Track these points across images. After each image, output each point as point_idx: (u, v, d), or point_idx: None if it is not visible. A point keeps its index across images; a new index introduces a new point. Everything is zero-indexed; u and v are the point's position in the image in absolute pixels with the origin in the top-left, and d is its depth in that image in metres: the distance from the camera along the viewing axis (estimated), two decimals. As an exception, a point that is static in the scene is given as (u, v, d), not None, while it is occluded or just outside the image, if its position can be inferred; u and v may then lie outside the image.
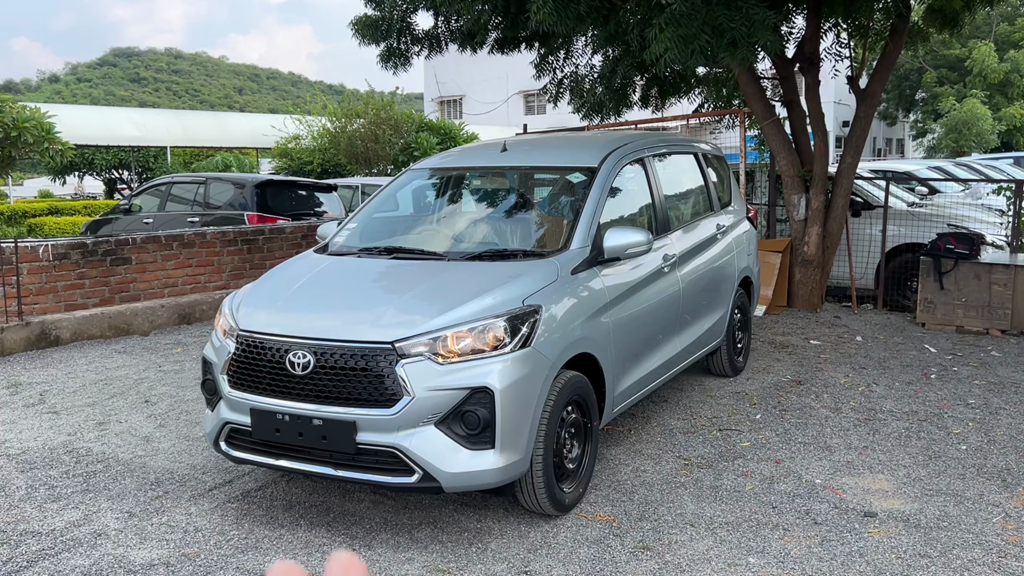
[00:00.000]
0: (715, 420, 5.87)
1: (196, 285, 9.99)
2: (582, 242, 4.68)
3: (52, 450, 5.53)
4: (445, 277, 4.45)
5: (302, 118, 27.88)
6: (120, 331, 8.79)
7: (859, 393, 6.44)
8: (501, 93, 47.68)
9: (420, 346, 3.93)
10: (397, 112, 26.66)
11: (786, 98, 9.56)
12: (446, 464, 3.88)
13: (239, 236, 10.47)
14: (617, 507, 4.50)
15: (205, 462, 5.27)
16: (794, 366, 7.24)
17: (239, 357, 4.27)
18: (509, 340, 3.99)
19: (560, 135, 7.90)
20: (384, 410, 3.89)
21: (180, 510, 4.57)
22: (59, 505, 4.66)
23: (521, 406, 3.97)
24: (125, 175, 35.12)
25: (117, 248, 9.22)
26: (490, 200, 5.49)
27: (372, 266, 4.82)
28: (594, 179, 5.02)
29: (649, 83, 10.61)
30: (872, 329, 8.63)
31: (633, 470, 5.00)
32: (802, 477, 4.87)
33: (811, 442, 5.44)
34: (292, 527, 4.34)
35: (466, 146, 6.47)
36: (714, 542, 4.10)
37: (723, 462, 5.11)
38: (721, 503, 4.53)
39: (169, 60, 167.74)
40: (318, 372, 4.01)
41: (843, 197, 9.16)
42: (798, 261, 9.24)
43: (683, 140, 6.67)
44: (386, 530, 4.29)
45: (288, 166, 27.88)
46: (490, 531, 4.25)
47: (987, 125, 34.64)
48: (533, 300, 4.16)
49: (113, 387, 6.97)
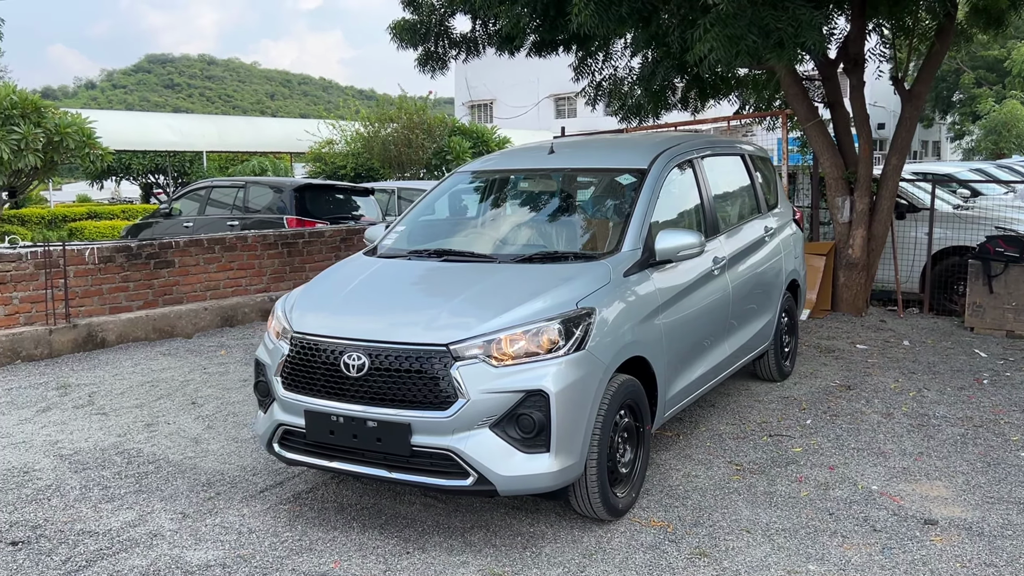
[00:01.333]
0: (765, 425, 5.79)
1: (237, 288, 10.06)
2: (633, 244, 4.64)
3: (103, 451, 5.59)
4: (497, 279, 4.43)
5: (336, 123, 28.07)
6: (164, 333, 8.88)
7: (910, 398, 6.33)
8: (532, 97, 47.73)
9: (474, 348, 3.91)
10: (430, 116, 26.74)
11: (829, 99, 9.45)
12: (501, 467, 3.85)
13: (279, 239, 10.54)
14: (670, 512, 4.45)
15: (255, 464, 5.29)
16: (842, 371, 7.14)
17: (293, 359, 4.27)
18: (563, 343, 3.96)
19: (605, 137, 7.86)
20: (439, 412, 3.88)
21: (233, 511, 4.59)
22: (113, 505, 4.70)
23: (576, 409, 3.94)
24: (161, 179, 35.59)
25: (160, 251, 9.31)
26: (538, 202, 5.47)
27: (423, 268, 4.81)
28: (644, 181, 4.98)
29: (689, 85, 10.55)
30: (919, 333, 8.50)
31: (684, 475, 4.95)
32: (858, 483, 4.79)
33: (864, 448, 5.35)
34: (345, 529, 4.33)
35: (512, 148, 6.46)
36: (772, 549, 4.04)
37: (776, 468, 5.04)
38: (776, 509, 4.47)
39: (202, 66, 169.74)
40: (372, 374, 4.00)
41: (888, 199, 9.03)
42: (842, 264, 9.12)
43: (730, 141, 6.61)
44: (439, 533, 4.27)
45: (322, 170, 28.08)
46: (543, 535, 4.22)
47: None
48: (587, 303, 4.13)
49: (160, 389, 7.03)
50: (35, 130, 12.90)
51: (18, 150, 12.59)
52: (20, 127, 12.57)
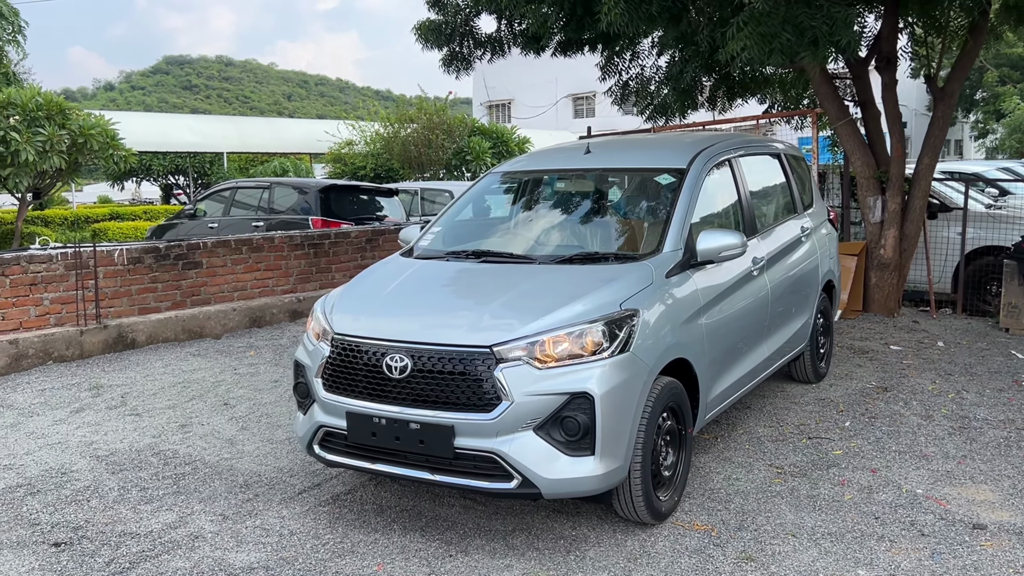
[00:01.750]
0: (803, 427, 5.73)
1: (264, 289, 10.08)
2: (675, 245, 4.60)
3: (139, 452, 5.59)
4: (538, 281, 4.40)
5: (355, 123, 28.12)
6: (193, 334, 8.90)
7: (949, 400, 6.25)
8: (550, 97, 47.64)
9: (518, 350, 3.88)
10: (450, 117, 26.74)
11: (860, 98, 9.35)
12: (546, 470, 3.82)
13: (306, 240, 10.56)
14: (713, 516, 4.40)
15: (292, 465, 5.28)
16: (877, 372, 7.06)
17: (334, 360, 4.25)
18: (608, 345, 3.92)
19: (640, 136, 7.81)
20: (482, 415, 3.85)
21: (272, 513, 4.58)
22: (153, 507, 4.70)
23: (620, 412, 3.90)
24: (181, 181, 35.79)
25: (188, 252, 9.34)
26: (576, 202, 5.43)
27: (462, 269, 4.78)
28: (684, 180, 4.94)
29: (716, 84, 10.47)
30: (953, 334, 8.40)
31: (725, 478, 4.89)
32: (902, 487, 4.73)
33: (906, 451, 5.28)
34: (386, 532, 4.31)
35: (546, 148, 6.42)
36: (818, 553, 3.98)
37: (817, 471, 4.98)
38: (821, 513, 4.41)
39: (220, 67, 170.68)
40: (415, 376, 3.98)
41: (921, 199, 8.93)
42: (874, 265, 9.03)
43: (765, 141, 6.54)
44: (480, 536, 4.24)
45: (342, 171, 28.15)
46: (586, 539, 4.18)
47: (1052, 125, 33.77)
48: (630, 304, 4.09)
49: (191, 390, 7.04)
50: (59, 132, 13.01)
51: (43, 151, 12.70)
52: (45, 129, 12.68)
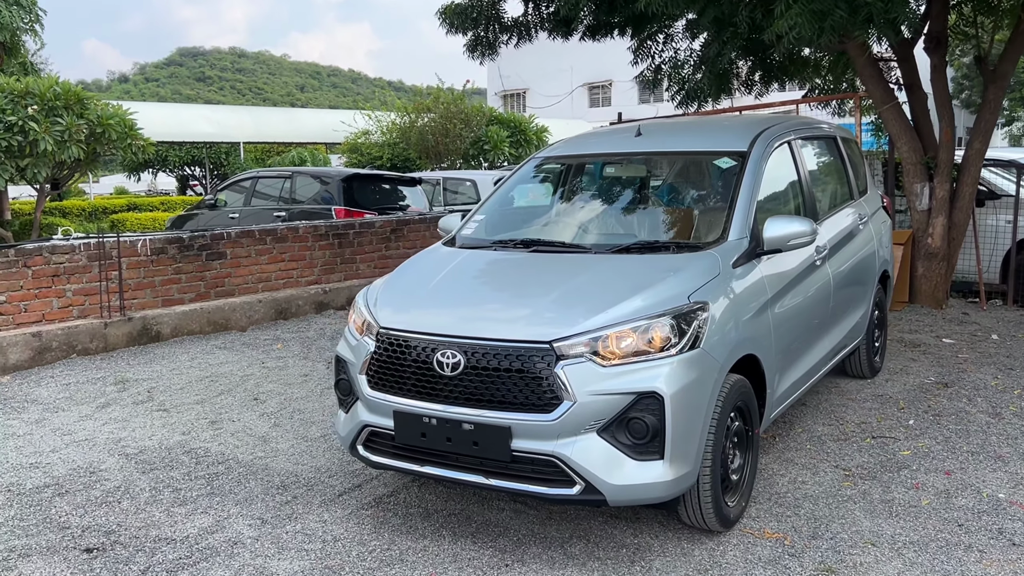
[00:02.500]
0: (865, 426, 5.44)
1: (288, 280, 9.84)
2: (740, 232, 4.31)
3: (169, 450, 5.36)
4: (596, 272, 4.12)
5: (371, 113, 27.87)
6: (218, 327, 8.67)
7: (1016, 397, 5.94)
8: (565, 86, 47.27)
9: (580, 346, 3.60)
10: (467, 106, 26.44)
11: (906, 81, 9.00)
12: (612, 476, 3.55)
13: (330, 230, 10.30)
14: (783, 523, 4.12)
15: (329, 464, 5.04)
16: (933, 367, 6.75)
17: (380, 356, 3.99)
18: (677, 340, 3.64)
19: (692, 119, 7.51)
20: (543, 415, 3.58)
21: (313, 516, 4.33)
22: (187, 509, 4.46)
23: (691, 413, 3.62)
24: (197, 171, 35.65)
25: (212, 243, 9.10)
26: (628, 188, 5.14)
27: (512, 260, 4.50)
28: (746, 164, 4.64)
29: (753, 67, 10.14)
30: (1007, 327, 8.07)
31: (790, 481, 4.61)
32: (981, 491, 4.43)
33: (978, 451, 4.98)
34: (435, 538, 4.05)
35: (592, 131, 6.14)
36: (903, 565, 3.70)
37: (887, 473, 4.69)
38: (898, 519, 4.12)
39: (233, 59, 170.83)
40: (468, 373, 3.71)
41: (970, 186, 8.59)
42: (921, 254, 8.70)
43: (821, 123, 6.23)
44: (535, 543, 3.98)
45: (358, 161, 27.92)
46: (649, 547, 3.91)
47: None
48: (698, 296, 3.81)
49: (219, 384, 6.80)
50: (78, 121, 12.78)
51: (61, 141, 12.46)
52: (63, 119, 12.44)
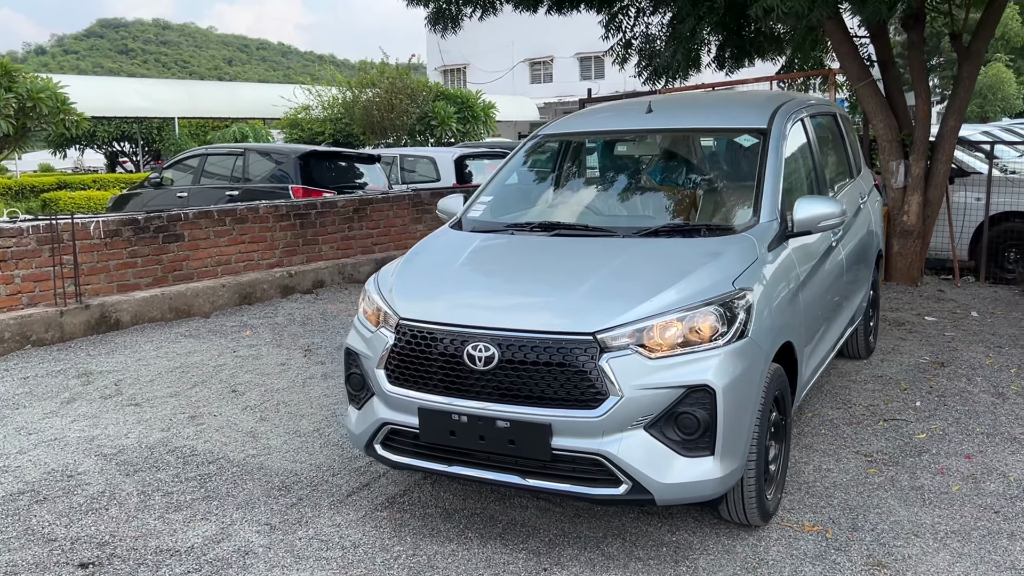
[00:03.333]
0: (874, 409, 5.36)
1: (249, 262, 9.41)
2: (771, 215, 4.13)
3: (151, 449, 5.00)
4: (631, 256, 3.89)
5: (312, 88, 27.15)
6: (180, 313, 8.23)
7: (1014, 376, 5.94)
8: (507, 61, 46.85)
9: (624, 337, 3.39)
10: (413, 81, 25.94)
11: (880, 58, 8.97)
12: (661, 474, 3.35)
13: (291, 210, 9.89)
14: (820, 514, 3.99)
15: (329, 462, 4.75)
16: (924, 346, 6.74)
17: (401, 350, 3.71)
18: (725, 329, 3.45)
19: (700, 94, 7.31)
20: (587, 411, 3.36)
21: (324, 520, 4.05)
22: (184, 515, 4.14)
23: (741, 406, 3.45)
24: (127, 147, 34.33)
25: (169, 224, 8.63)
26: (645, 168, 4.92)
27: (536, 245, 4.25)
28: (769, 142, 4.46)
29: (725, 44, 10.00)
30: (984, 304, 8.13)
31: (815, 469, 4.49)
32: (1007, 475, 4.38)
33: (992, 432, 4.94)
34: (462, 541, 3.82)
35: (600, 107, 5.89)
36: (951, 556, 3.60)
37: (909, 458, 4.61)
38: (934, 508, 4.03)
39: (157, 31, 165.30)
40: (504, 367, 3.47)
41: (945, 163, 8.61)
42: (897, 232, 8.71)
43: (823, 100, 6.10)
44: (569, 544, 3.78)
45: (299, 136, 27.19)
46: (690, 545, 3.74)
47: (1011, 90, 34.05)
48: (742, 282, 3.62)
49: (192, 375, 6.42)
50: (6, 95, 12.06)
51: (-9, 116, 11.76)
52: (-6, 92, 11.73)
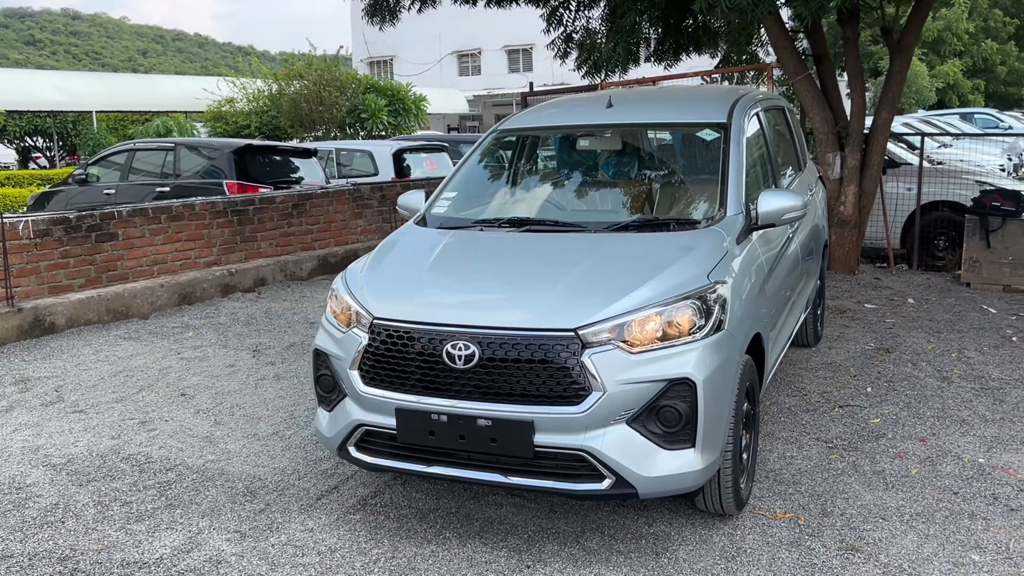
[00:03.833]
0: (828, 396, 5.50)
1: (186, 261, 9.15)
2: (737, 208, 4.19)
3: (102, 457, 4.82)
4: (606, 252, 3.90)
5: (236, 80, 26.54)
6: (118, 315, 7.95)
7: (955, 360, 6.16)
8: (434, 53, 46.54)
9: (605, 333, 3.40)
10: (342, 72, 25.57)
11: (815, 52, 9.19)
12: (644, 468, 3.38)
13: (229, 207, 9.64)
14: (790, 501, 4.07)
15: (293, 465, 4.65)
16: (867, 332, 6.94)
17: (376, 349, 3.65)
18: (704, 323, 3.49)
19: (657, 89, 7.34)
20: (570, 408, 3.36)
21: (296, 525, 3.96)
22: (147, 525, 4.00)
23: (720, 398, 3.49)
24: (40, 142, 33.03)
25: (102, 223, 8.33)
26: (609, 163, 4.93)
27: (508, 241, 4.22)
28: (730, 136, 4.52)
29: (664, 37, 10.10)
30: (919, 291, 8.41)
31: (780, 456, 4.58)
32: (961, 456, 4.54)
33: (941, 416, 5.12)
34: (441, 541, 3.78)
35: (557, 101, 5.87)
36: (919, 538, 3.72)
37: (867, 443, 4.74)
38: (896, 491, 4.15)
39: (66, 21, 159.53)
40: (484, 365, 3.44)
41: (879, 155, 8.87)
42: (834, 222, 8.93)
43: (771, 94, 6.20)
44: (549, 540, 3.77)
45: (223, 130, 26.55)
46: (668, 537, 3.77)
47: (925, 82, 35.30)
48: (716, 275, 3.66)
49: (136, 379, 6.21)
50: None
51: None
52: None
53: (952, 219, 9.15)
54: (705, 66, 11.59)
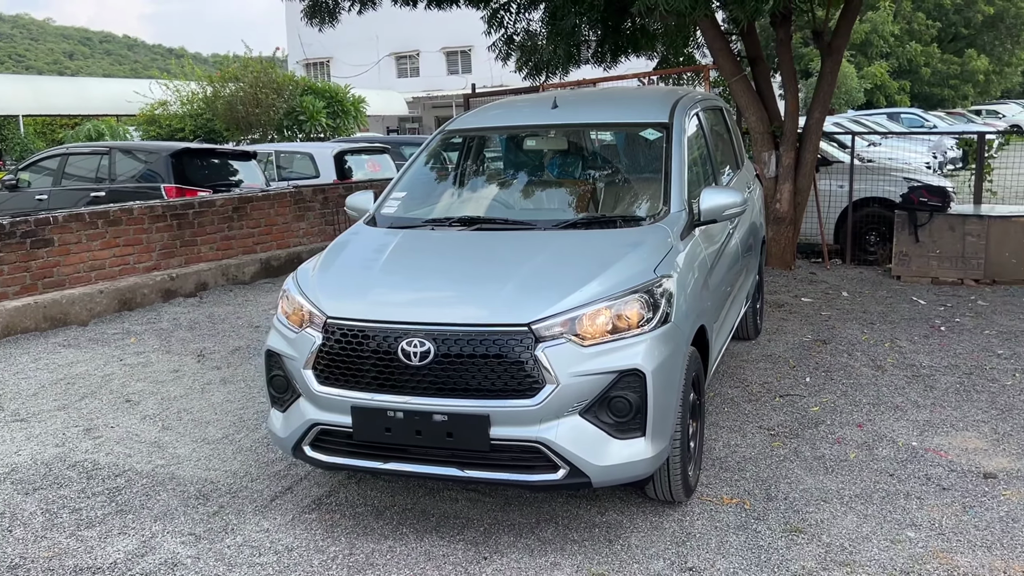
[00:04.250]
0: (769, 386, 5.68)
1: (125, 266, 8.99)
2: (680, 204, 4.32)
3: (47, 465, 4.75)
4: (556, 249, 3.99)
5: (169, 82, 26.06)
6: (56, 322, 7.79)
7: (888, 349, 6.41)
8: (371, 55, 46.28)
9: (558, 327, 3.48)
10: (279, 74, 25.30)
11: (750, 54, 9.43)
12: (597, 457, 3.47)
13: (168, 211, 9.50)
14: (735, 487, 4.21)
15: (245, 468, 4.64)
16: (804, 325, 7.17)
17: (331, 349, 3.68)
18: (651, 315, 3.60)
19: (600, 90, 7.45)
20: (524, 400, 3.44)
21: (251, 526, 3.96)
22: (98, 531, 3.96)
23: (668, 388, 3.60)
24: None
25: (37, 228, 8.15)
26: (556, 162, 5.01)
27: (458, 240, 4.28)
28: (671, 135, 4.65)
29: (604, 39, 10.26)
30: (852, 284, 8.70)
31: (724, 445, 4.73)
32: (896, 440, 4.74)
33: (877, 402, 5.33)
34: (398, 537, 3.82)
35: (503, 102, 5.94)
36: (858, 518, 3.88)
37: (807, 430, 4.92)
38: (836, 475, 4.33)
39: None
40: (440, 361, 3.50)
41: (812, 153, 9.14)
42: (770, 219, 9.17)
43: (709, 94, 6.38)
44: (504, 531, 3.85)
45: (157, 133, 26.04)
46: (620, 525, 3.88)
47: (853, 83, 36.33)
48: (662, 270, 3.78)
49: (79, 386, 6.11)
50: None
51: None
52: None
53: (882, 215, 9.49)
54: (644, 68, 11.79)
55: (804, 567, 3.49)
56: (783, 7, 7.59)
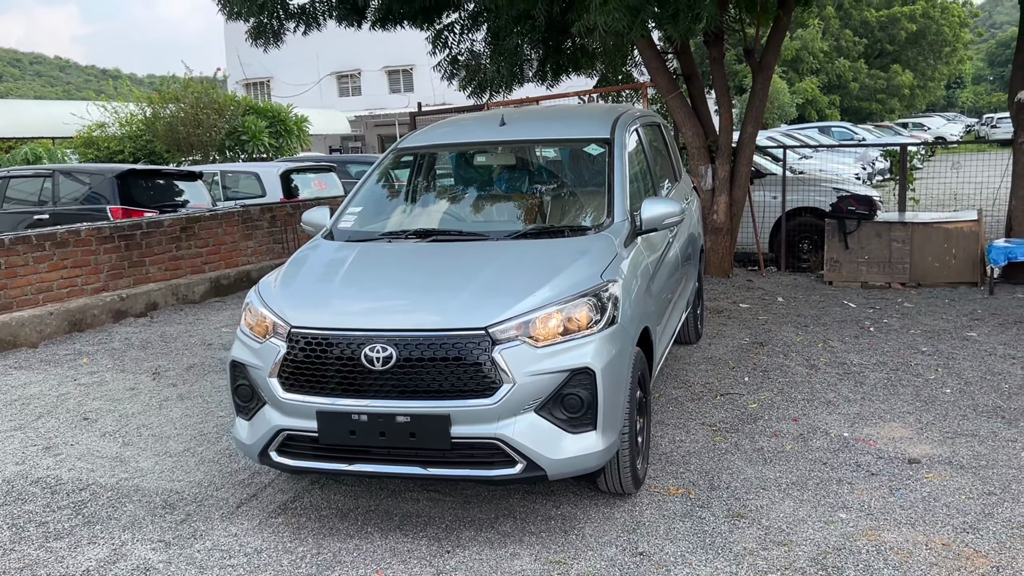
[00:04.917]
0: (710, 386, 5.97)
1: (73, 288, 8.98)
2: (623, 215, 4.59)
3: (9, 482, 4.81)
4: (508, 258, 4.22)
5: (107, 104, 25.75)
6: (6, 344, 7.77)
7: (821, 350, 6.77)
8: (312, 75, 46.15)
9: (513, 330, 3.71)
10: (220, 95, 25.18)
11: (685, 72, 9.83)
12: (551, 451, 3.70)
13: (115, 232, 9.51)
14: (681, 479, 4.48)
15: (209, 478, 4.76)
16: (743, 329, 7.51)
17: (295, 357, 3.85)
18: (599, 317, 3.85)
19: (545, 108, 7.72)
20: (483, 400, 3.65)
21: (220, 532, 4.10)
22: (67, 542, 4.05)
23: (616, 385, 3.85)
24: None
25: (-17, 251, 8.12)
26: (505, 177, 5.25)
27: (415, 250, 4.49)
28: (613, 150, 4.93)
29: (546, 58, 10.58)
30: (787, 290, 9.11)
31: (670, 441, 5.00)
32: (828, 432, 5.06)
33: (811, 398, 5.65)
34: (363, 536, 3.99)
35: (454, 120, 6.16)
36: (794, 503, 4.17)
37: (747, 425, 5.22)
38: (774, 465, 4.62)
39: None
40: (401, 366, 3.69)
41: (746, 166, 9.56)
42: (708, 230, 9.55)
43: (647, 111, 6.69)
44: (465, 527, 4.05)
45: (95, 156, 25.68)
46: (574, 516, 4.10)
47: (786, 99, 37.48)
48: (608, 275, 4.03)
49: (34, 406, 6.15)
50: None
51: None
52: None
53: (814, 224, 9.94)
54: (584, 86, 12.15)
55: (746, 547, 3.76)
56: (715, 26, 7.96)
